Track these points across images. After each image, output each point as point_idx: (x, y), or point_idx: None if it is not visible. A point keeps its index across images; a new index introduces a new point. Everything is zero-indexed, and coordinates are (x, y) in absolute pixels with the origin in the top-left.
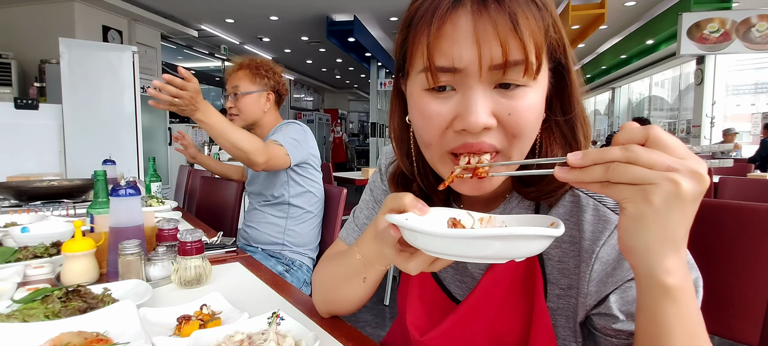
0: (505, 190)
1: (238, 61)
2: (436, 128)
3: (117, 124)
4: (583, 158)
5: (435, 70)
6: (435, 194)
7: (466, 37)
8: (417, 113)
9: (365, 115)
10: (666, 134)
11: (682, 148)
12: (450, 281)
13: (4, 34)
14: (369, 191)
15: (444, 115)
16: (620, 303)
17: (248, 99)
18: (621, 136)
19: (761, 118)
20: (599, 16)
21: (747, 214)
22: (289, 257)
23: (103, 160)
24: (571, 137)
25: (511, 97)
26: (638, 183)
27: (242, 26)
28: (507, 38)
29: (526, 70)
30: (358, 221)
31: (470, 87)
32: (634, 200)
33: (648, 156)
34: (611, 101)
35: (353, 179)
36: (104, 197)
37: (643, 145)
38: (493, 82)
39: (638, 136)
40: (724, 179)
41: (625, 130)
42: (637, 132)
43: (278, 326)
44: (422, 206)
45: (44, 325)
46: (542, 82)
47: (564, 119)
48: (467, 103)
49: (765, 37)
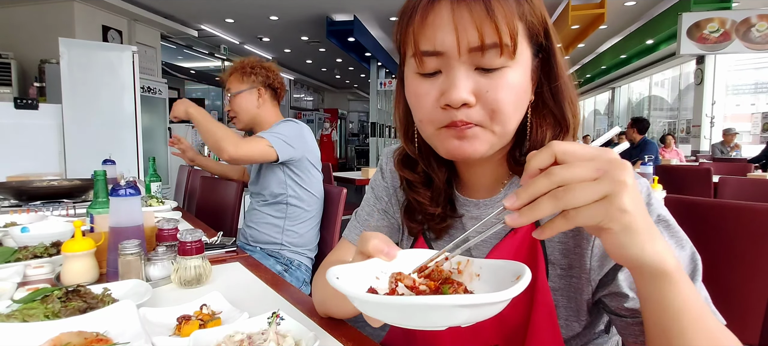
0: (504, 175)
1: (231, 65)
2: (427, 106)
3: (117, 124)
4: (517, 200)
5: (420, 54)
6: (436, 175)
7: (446, 23)
8: (411, 94)
9: (365, 115)
10: (569, 144)
11: (588, 149)
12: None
13: (4, 34)
14: (371, 189)
15: (432, 94)
16: (630, 281)
17: (239, 98)
18: (533, 163)
19: (761, 118)
20: (599, 16)
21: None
22: (287, 257)
23: (103, 160)
24: (560, 116)
25: (490, 77)
26: (599, 199)
27: (242, 26)
28: (482, 23)
29: (502, 52)
30: (359, 218)
31: (452, 67)
32: (610, 216)
33: (573, 172)
34: (611, 101)
35: (353, 179)
36: (104, 196)
37: (555, 162)
38: (474, 64)
39: (548, 156)
40: (724, 179)
41: (533, 157)
42: (545, 154)
43: (278, 326)
44: (389, 251)
45: (44, 325)
46: (522, 62)
47: (553, 100)
48: (449, 81)
49: (765, 37)
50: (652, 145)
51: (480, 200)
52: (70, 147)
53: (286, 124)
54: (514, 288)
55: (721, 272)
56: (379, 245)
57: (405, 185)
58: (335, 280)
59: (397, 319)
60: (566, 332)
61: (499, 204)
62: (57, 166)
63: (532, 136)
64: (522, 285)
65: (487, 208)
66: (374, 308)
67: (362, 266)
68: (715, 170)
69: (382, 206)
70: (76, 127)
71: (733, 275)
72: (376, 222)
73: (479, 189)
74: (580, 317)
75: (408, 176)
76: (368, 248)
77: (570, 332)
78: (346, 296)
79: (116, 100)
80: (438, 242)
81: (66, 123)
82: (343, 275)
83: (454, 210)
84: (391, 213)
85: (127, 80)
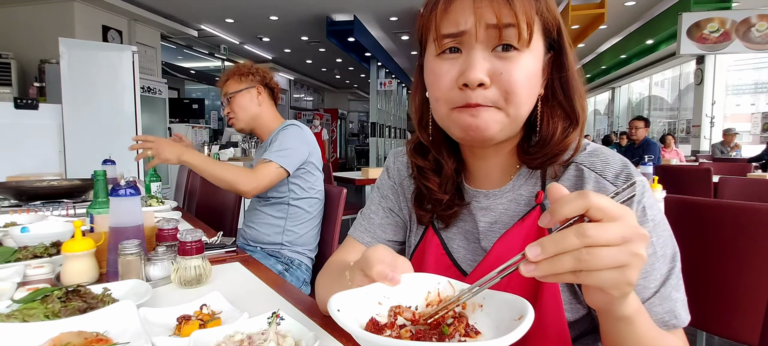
0: (512, 167)
1: (225, 72)
2: (444, 85)
3: (117, 124)
4: (542, 252)
5: (441, 36)
6: (445, 162)
7: (467, 8)
8: (430, 73)
9: (365, 115)
10: (601, 198)
11: (617, 207)
12: (462, 259)
13: (4, 34)
14: (376, 188)
15: (451, 73)
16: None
17: (239, 98)
18: (565, 210)
19: (761, 118)
20: (599, 16)
21: (747, 214)
22: (288, 256)
23: (103, 160)
24: (570, 109)
25: (505, 59)
26: (612, 267)
27: (242, 26)
28: (501, 9)
29: (519, 36)
30: (365, 216)
31: (471, 47)
32: (617, 286)
33: (604, 234)
34: (611, 101)
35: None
36: (104, 196)
37: (584, 215)
38: (491, 44)
39: (581, 208)
40: (724, 179)
41: (564, 203)
42: (577, 203)
43: (278, 326)
44: (393, 277)
45: (44, 325)
46: (535, 51)
47: (563, 94)
48: (467, 61)
49: (765, 37)
50: (655, 146)
51: (489, 191)
52: (70, 147)
53: (287, 133)
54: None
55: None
56: (384, 271)
57: (416, 172)
58: (337, 313)
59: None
60: (571, 315)
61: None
62: (57, 167)
63: (542, 127)
64: (525, 327)
65: (496, 198)
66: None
67: (364, 291)
68: (715, 170)
69: (388, 204)
70: (76, 127)
71: (733, 275)
72: (381, 219)
73: (487, 180)
74: (582, 299)
75: (419, 162)
76: (372, 274)
77: (575, 315)
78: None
79: (116, 100)
80: (446, 232)
81: (66, 123)
82: (344, 305)
83: (462, 198)
84: (396, 211)
85: (127, 80)
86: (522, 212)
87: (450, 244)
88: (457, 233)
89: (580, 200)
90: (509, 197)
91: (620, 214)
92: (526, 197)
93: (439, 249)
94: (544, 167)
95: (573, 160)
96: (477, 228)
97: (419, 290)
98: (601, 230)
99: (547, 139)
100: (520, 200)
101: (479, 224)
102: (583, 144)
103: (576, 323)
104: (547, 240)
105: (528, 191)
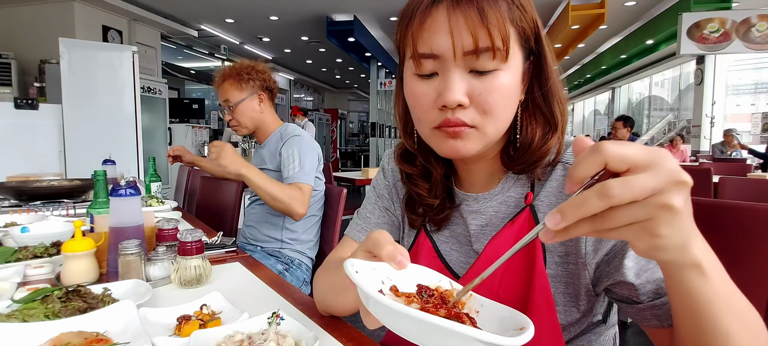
0: (499, 170)
1: (220, 73)
2: (423, 106)
3: (117, 124)
4: (563, 219)
5: (418, 56)
6: (434, 169)
7: (442, 28)
8: (409, 94)
9: (365, 115)
10: (620, 147)
11: (643, 152)
12: (455, 262)
13: (4, 34)
14: (372, 188)
15: (429, 94)
16: (637, 269)
17: (242, 107)
18: (580, 170)
19: (761, 118)
20: (599, 16)
21: (747, 214)
22: (288, 256)
23: (103, 160)
24: (550, 115)
25: (483, 79)
26: (628, 224)
27: (242, 26)
28: (476, 29)
29: (494, 56)
30: (361, 215)
31: (448, 70)
32: (641, 239)
33: (629, 191)
34: (611, 101)
35: (353, 179)
36: (104, 197)
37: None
38: (468, 67)
39: (598, 163)
40: (724, 179)
41: (579, 162)
42: (594, 160)
43: (278, 326)
44: (401, 260)
45: (44, 325)
46: (514, 65)
47: (543, 100)
48: (445, 83)
49: (765, 37)
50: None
51: (479, 194)
52: (70, 147)
53: (296, 145)
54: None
55: None
56: (393, 252)
57: (405, 178)
58: (354, 273)
59: (409, 332)
60: (565, 319)
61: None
62: (57, 167)
63: (522, 133)
64: (526, 337)
65: (486, 201)
66: (389, 314)
67: (372, 266)
68: (715, 170)
69: (384, 203)
70: (76, 127)
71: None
72: (377, 219)
73: (477, 183)
74: (579, 303)
75: (407, 169)
76: (382, 254)
77: (569, 319)
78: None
79: (116, 100)
80: (438, 235)
81: (66, 123)
82: (360, 268)
83: (452, 201)
84: (392, 211)
85: (127, 80)
86: (512, 213)
87: (442, 247)
88: (449, 236)
89: (595, 155)
90: (499, 199)
91: (650, 160)
92: (516, 199)
93: (432, 252)
94: (526, 172)
95: (559, 160)
96: (468, 231)
97: (420, 281)
98: (625, 186)
99: (526, 146)
100: (509, 202)
101: (470, 226)
102: (566, 143)
103: (570, 327)
104: (567, 206)
105: (517, 192)
